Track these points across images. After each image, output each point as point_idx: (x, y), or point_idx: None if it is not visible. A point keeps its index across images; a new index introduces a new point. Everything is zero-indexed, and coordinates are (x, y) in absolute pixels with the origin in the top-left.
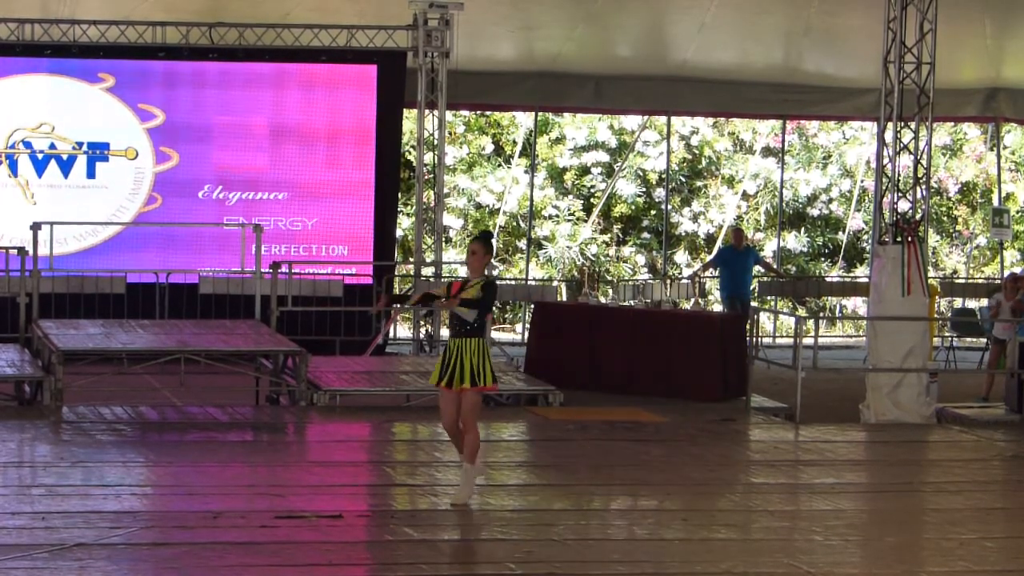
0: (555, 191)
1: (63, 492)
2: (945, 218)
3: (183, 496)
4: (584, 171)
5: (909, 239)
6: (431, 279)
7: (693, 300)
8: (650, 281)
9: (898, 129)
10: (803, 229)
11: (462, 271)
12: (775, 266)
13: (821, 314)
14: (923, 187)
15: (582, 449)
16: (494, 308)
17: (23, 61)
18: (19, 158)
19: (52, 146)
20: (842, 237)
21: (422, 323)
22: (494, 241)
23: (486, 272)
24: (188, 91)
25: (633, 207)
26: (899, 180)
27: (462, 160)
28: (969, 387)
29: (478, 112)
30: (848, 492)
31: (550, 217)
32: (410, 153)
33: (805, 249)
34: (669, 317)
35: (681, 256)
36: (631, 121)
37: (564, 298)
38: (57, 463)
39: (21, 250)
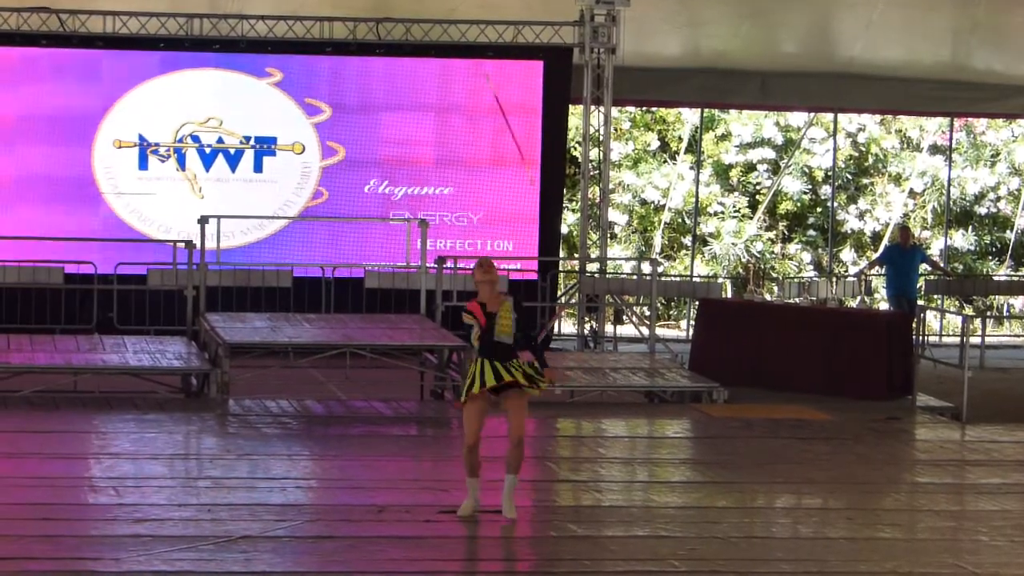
0: (720, 188)
1: (229, 484)
2: None
3: (347, 490)
4: (750, 168)
5: None
6: (595, 275)
7: (859, 298)
8: (816, 279)
9: None
10: (970, 227)
11: (627, 267)
12: (942, 265)
13: (988, 313)
14: None
15: (746, 446)
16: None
17: (192, 56)
18: (187, 152)
19: (220, 140)
20: (1010, 236)
21: (587, 319)
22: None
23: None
24: (355, 86)
25: (799, 204)
26: None
27: (627, 156)
28: None
29: (644, 108)
30: (1015, 493)
31: (715, 214)
32: (576, 149)
33: (972, 248)
34: (835, 315)
35: (847, 254)
36: (797, 118)
37: (729, 295)
38: (223, 456)
39: (189, 243)
